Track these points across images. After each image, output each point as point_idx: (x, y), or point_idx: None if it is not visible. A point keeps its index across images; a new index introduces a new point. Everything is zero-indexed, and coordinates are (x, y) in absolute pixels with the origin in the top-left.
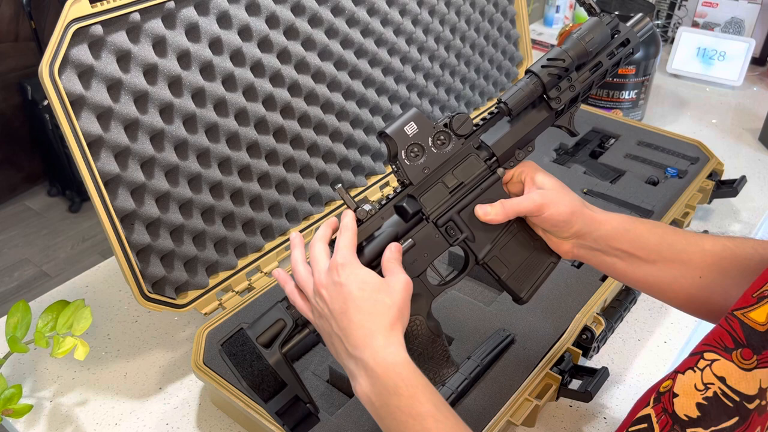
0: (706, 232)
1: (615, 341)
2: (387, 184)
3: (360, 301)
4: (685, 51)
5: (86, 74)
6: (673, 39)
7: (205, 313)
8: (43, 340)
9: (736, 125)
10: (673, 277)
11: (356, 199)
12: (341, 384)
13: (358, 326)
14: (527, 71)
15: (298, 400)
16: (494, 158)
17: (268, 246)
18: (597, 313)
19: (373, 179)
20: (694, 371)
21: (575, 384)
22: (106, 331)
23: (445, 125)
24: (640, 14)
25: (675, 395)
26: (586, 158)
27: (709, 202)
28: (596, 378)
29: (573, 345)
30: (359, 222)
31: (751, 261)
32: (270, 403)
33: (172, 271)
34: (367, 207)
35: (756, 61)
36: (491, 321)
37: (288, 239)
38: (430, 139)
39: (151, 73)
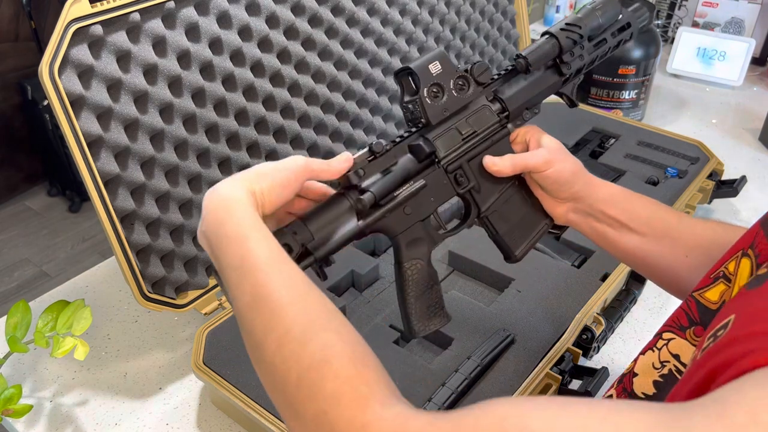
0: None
1: (615, 341)
2: None
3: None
4: (685, 51)
5: (86, 74)
6: (673, 39)
7: (205, 313)
8: (43, 340)
9: (736, 125)
10: (660, 253)
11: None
12: None
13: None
14: (545, 32)
15: None
16: (506, 113)
17: None
18: (597, 313)
19: None
20: (653, 351)
21: (575, 384)
22: (106, 331)
23: (466, 71)
24: (638, 3)
25: (635, 375)
26: (586, 158)
27: (709, 202)
28: (596, 378)
29: (573, 345)
30: (374, 155)
31: None
32: None
33: (172, 271)
34: (383, 143)
35: (756, 61)
36: (491, 321)
37: None
38: (452, 81)
39: (151, 73)
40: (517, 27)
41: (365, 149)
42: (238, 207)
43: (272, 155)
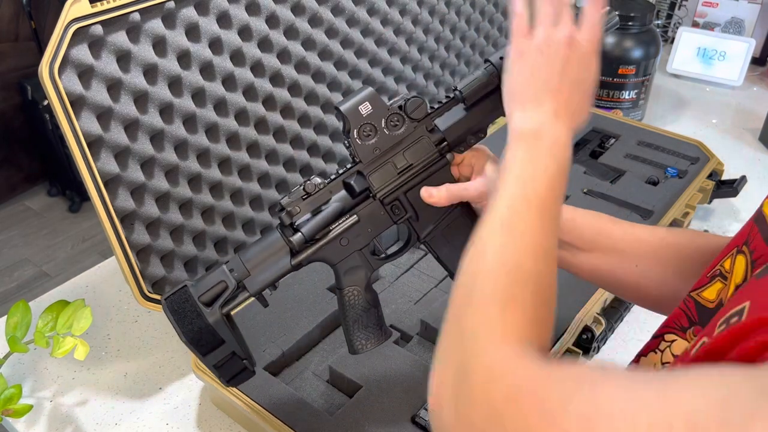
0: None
1: (615, 341)
2: None
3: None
4: (685, 51)
5: (86, 74)
6: (673, 39)
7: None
8: (43, 340)
9: (736, 125)
10: (610, 266)
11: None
12: (341, 384)
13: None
14: (486, 60)
15: (235, 356)
16: (445, 143)
17: None
18: (597, 313)
19: None
20: (656, 353)
21: None
22: (106, 331)
23: (400, 107)
24: (607, 8)
25: None
26: (586, 158)
27: (709, 202)
28: None
29: (573, 345)
30: (307, 195)
31: (686, 249)
32: (208, 357)
33: (172, 271)
34: (317, 180)
35: (756, 61)
36: None
37: None
38: (383, 120)
39: (151, 73)
40: None
41: (300, 187)
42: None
43: (272, 155)
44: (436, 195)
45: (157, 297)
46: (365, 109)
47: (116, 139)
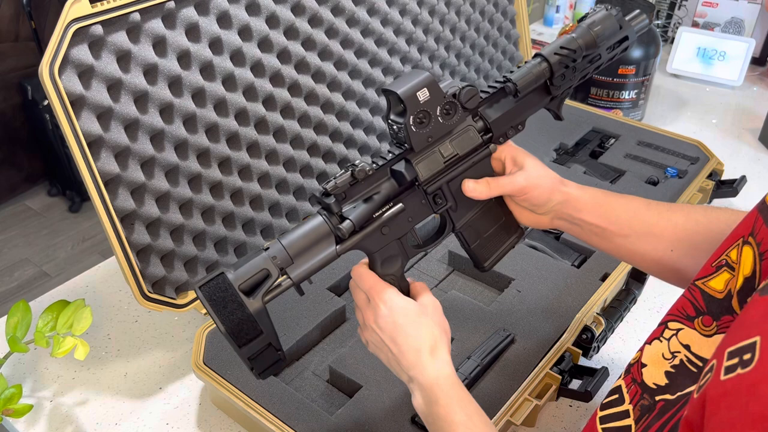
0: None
1: (615, 341)
2: None
3: (406, 327)
4: (685, 51)
5: (86, 74)
6: (673, 39)
7: (205, 314)
8: (43, 340)
9: (736, 125)
10: (645, 250)
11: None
12: (341, 384)
13: (408, 350)
14: (537, 55)
15: (271, 347)
16: (489, 134)
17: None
18: (597, 313)
19: None
20: (660, 341)
21: (575, 384)
22: (106, 331)
23: (454, 95)
24: (638, 10)
25: (643, 365)
26: (586, 158)
27: (709, 202)
28: (596, 378)
29: (573, 345)
30: (355, 180)
31: (722, 235)
32: (243, 349)
33: (172, 271)
34: (365, 166)
35: (756, 61)
36: (491, 321)
37: None
38: (438, 108)
39: (151, 73)
40: (517, 27)
41: (347, 172)
42: (447, 388)
43: (272, 155)
44: (478, 189)
45: (158, 297)
46: (423, 95)
47: (116, 139)
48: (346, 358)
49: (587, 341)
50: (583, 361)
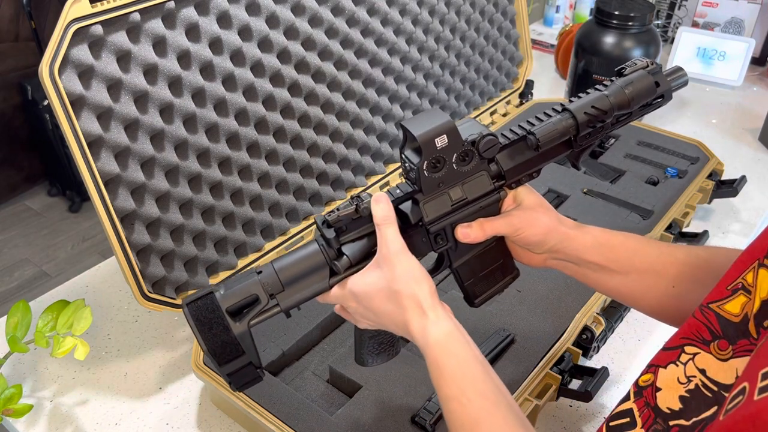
0: (706, 231)
1: (615, 341)
2: (387, 183)
3: (381, 307)
4: (685, 51)
5: (86, 74)
6: (673, 39)
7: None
8: (43, 340)
9: (736, 125)
10: (646, 287)
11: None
12: (341, 384)
13: (395, 326)
14: (565, 109)
15: (251, 365)
16: (503, 181)
17: (268, 246)
18: (597, 313)
19: (373, 179)
20: (677, 365)
21: (575, 384)
22: (106, 331)
23: (473, 143)
24: (677, 66)
25: (658, 389)
26: (586, 158)
27: (709, 202)
28: (596, 378)
29: (573, 345)
30: (358, 216)
31: (724, 268)
32: (224, 367)
33: (172, 271)
34: (369, 200)
35: (756, 61)
36: (491, 321)
37: (288, 239)
38: (455, 155)
39: (151, 73)
40: (517, 27)
41: (351, 206)
42: (438, 356)
43: (272, 155)
44: (471, 234)
45: (158, 297)
46: (441, 141)
47: (116, 139)
48: (346, 358)
49: (587, 341)
50: (583, 361)
